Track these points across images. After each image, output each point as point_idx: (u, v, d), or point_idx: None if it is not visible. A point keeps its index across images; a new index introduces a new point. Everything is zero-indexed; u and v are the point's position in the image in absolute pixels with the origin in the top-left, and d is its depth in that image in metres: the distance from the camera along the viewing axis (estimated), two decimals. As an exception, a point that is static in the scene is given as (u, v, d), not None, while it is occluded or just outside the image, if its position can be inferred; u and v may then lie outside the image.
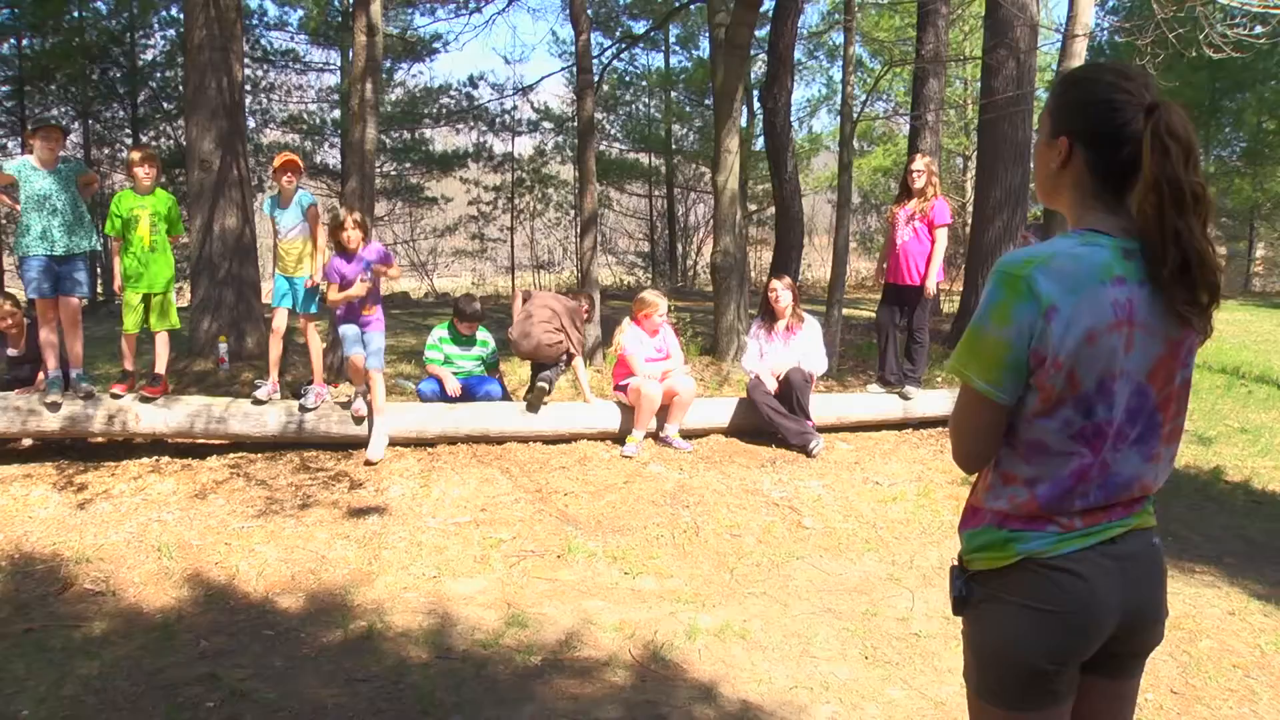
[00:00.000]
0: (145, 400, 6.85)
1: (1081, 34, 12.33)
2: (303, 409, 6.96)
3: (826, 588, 5.18)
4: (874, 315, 9.12)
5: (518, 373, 8.77)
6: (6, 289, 17.17)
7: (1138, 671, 2.03)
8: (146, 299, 6.88)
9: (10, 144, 21.77)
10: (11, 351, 7.23)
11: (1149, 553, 1.94)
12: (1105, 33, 21.74)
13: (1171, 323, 1.80)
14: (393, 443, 7.08)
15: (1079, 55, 14.34)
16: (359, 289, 6.84)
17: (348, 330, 7.01)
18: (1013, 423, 1.86)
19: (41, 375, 6.94)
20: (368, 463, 6.79)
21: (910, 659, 4.32)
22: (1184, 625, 4.68)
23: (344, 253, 6.93)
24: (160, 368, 6.99)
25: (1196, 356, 1.92)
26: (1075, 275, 1.75)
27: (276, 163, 7.01)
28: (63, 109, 22.37)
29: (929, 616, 4.80)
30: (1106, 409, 1.78)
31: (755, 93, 17.13)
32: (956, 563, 2.00)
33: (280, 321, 7.12)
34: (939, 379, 9.56)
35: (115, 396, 6.83)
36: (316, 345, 7.22)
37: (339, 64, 23.37)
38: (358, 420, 7.01)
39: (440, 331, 7.62)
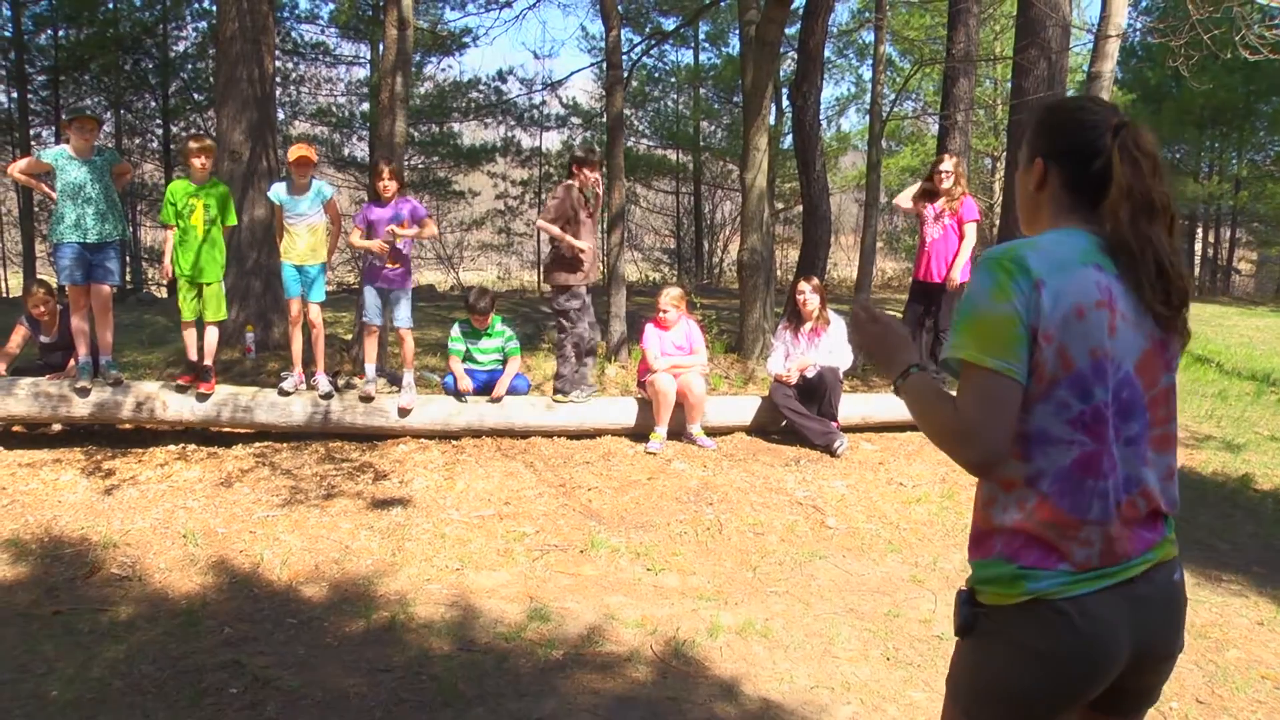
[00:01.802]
0: (202, 397, 6.91)
1: (1114, 35, 12.21)
2: (326, 398, 7.00)
3: (849, 588, 5.16)
4: (901, 314, 9.07)
5: (543, 367, 8.78)
6: (40, 276, 17.38)
7: (1145, 709, 1.98)
8: (199, 288, 6.93)
9: (45, 133, 22.02)
10: (44, 338, 7.31)
11: (1168, 591, 1.88)
12: (1138, 33, 21.54)
13: (1151, 322, 1.83)
14: (417, 435, 7.12)
15: (1111, 56, 14.20)
16: (376, 245, 6.90)
17: (369, 296, 7.09)
18: None
19: (73, 362, 7.01)
20: (401, 410, 6.99)
21: (932, 661, 4.28)
22: (1211, 634, 4.63)
23: (378, 200, 6.99)
24: (209, 359, 7.04)
25: (1229, 362, 1.90)
26: (1060, 256, 1.79)
27: (292, 157, 6.94)
28: (96, 99, 22.63)
29: (951, 619, 4.76)
30: (1102, 389, 1.76)
31: (784, 90, 17.08)
32: (965, 588, 1.97)
33: (296, 311, 7.14)
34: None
35: (180, 389, 6.91)
36: (320, 333, 7.23)
37: (369, 57, 23.50)
38: (365, 400, 7.05)
39: (458, 326, 7.65)
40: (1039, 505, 1.78)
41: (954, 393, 1.84)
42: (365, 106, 23.73)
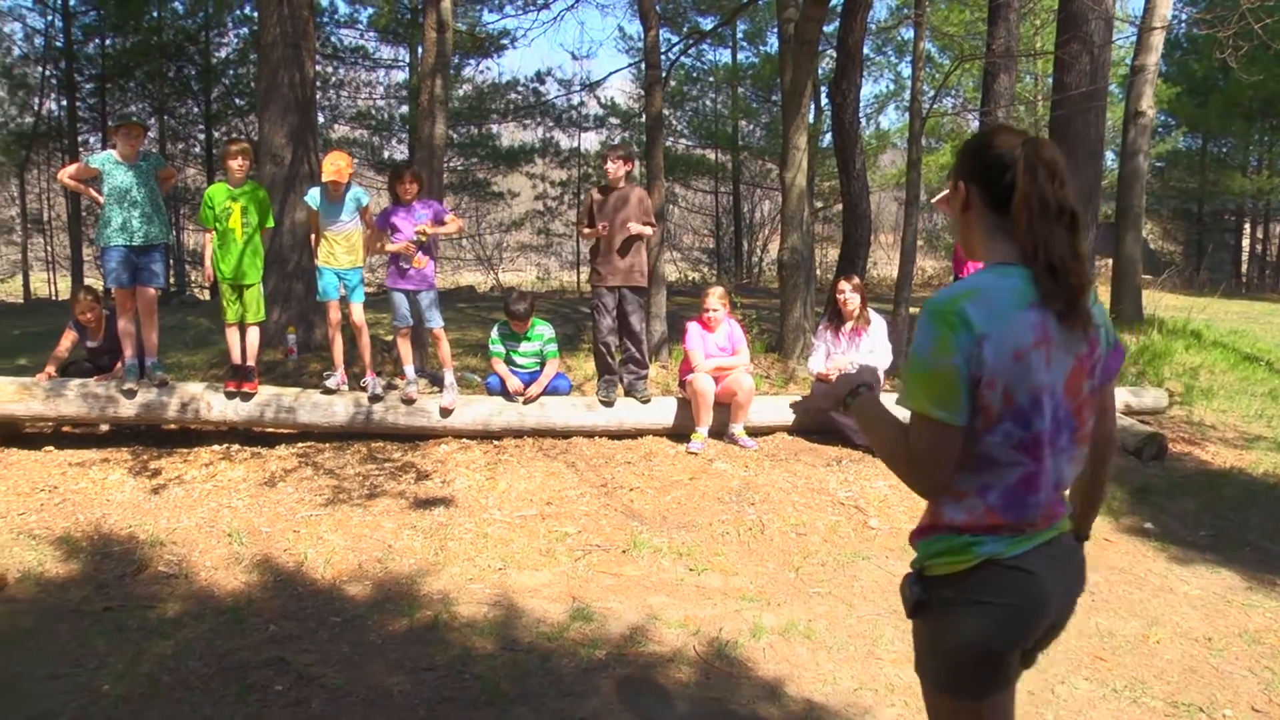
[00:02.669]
0: (246, 397, 6.97)
1: (1159, 27, 12.02)
2: (374, 399, 7.04)
3: (892, 589, 5.09)
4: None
5: (583, 367, 8.78)
6: (86, 283, 17.65)
7: (1034, 661, 2.24)
8: (239, 290, 7.00)
9: (92, 139, 22.40)
10: (90, 343, 7.42)
11: (1073, 553, 2.18)
12: (1183, 25, 21.17)
13: (1076, 338, 2.02)
14: (458, 435, 7.15)
15: (1155, 49, 14.05)
16: (401, 246, 6.93)
17: (398, 301, 7.12)
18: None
19: (120, 364, 7.11)
20: (443, 410, 7.04)
21: (978, 664, 4.23)
22: (1265, 640, 4.54)
23: (400, 204, 7.02)
24: (252, 360, 7.10)
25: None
26: (998, 304, 1.96)
27: (325, 176, 6.89)
28: (140, 105, 23.02)
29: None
30: (1040, 419, 1.98)
31: (823, 89, 16.97)
32: (912, 570, 2.16)
33: (335, 314, 7.18)
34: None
35: (230, 395, 6.98)
36: (365, 335, 7.28)
37: (407, 60, 23.69)
38: (407, 402, 7.09)
39: (497, 328, 7.66)
40: (986, 512, 2.02)
41: (904, 418, 2.09)
42: (404, 109, 23.93)
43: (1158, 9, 13.37)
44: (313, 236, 7.20)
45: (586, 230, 7.56)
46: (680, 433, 7.39)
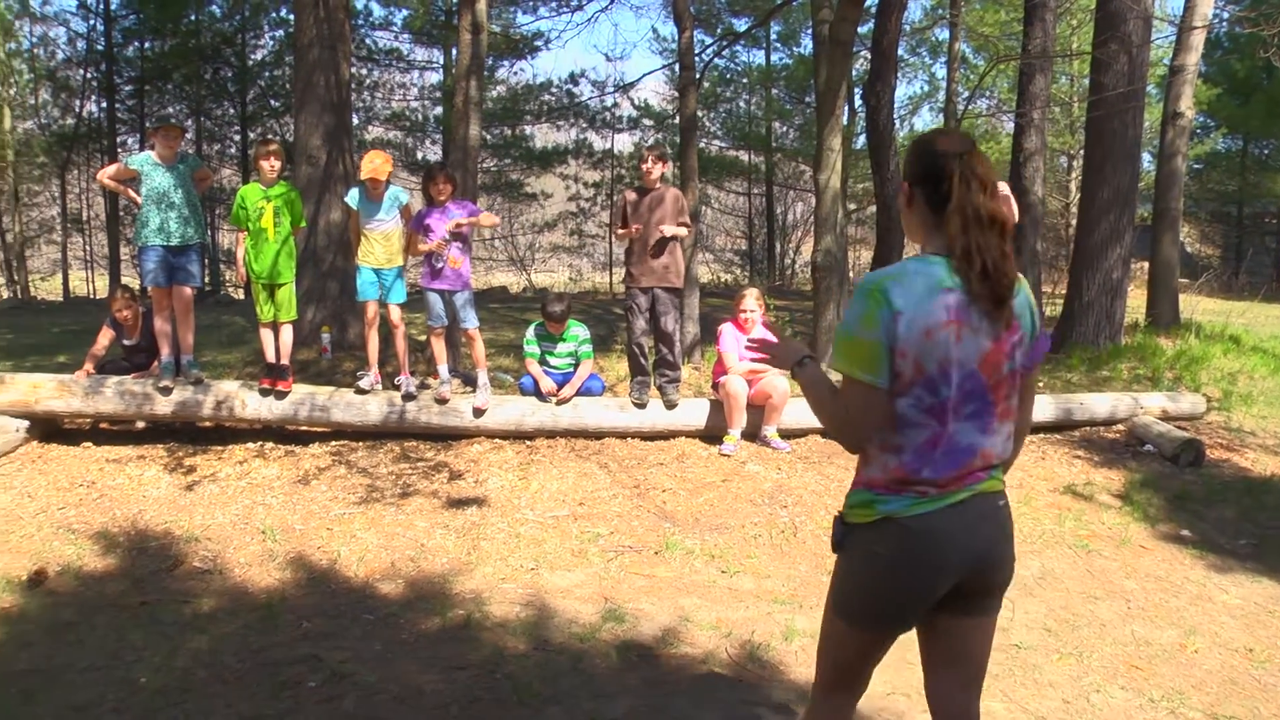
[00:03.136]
0: (280, 395, 7.02)
1: (1200, 25, 11.82)
2: (408, 398, 7.07)
3: (926, 593, 5.05)
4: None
5: (615, 368, 8.77)
6: (123, 281, 17.89)
7: (991, 610, 2.46)
8: (271, 289, 7.05)
9: (130, 140, 22.71)
10: (127, 340, 7.50)
11: (994, 511, 2.38)
12: (1224, 24, 20.85)
13: (995, 324, 2.28)
14: (491, 435, 7.16)
15: (1195, 49, 13.84)
16: (435, 244, 6.93)
17: (432, 300, 7.12)
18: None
19: (156, 362, 7.18)
20: (477, 410, 7.05)
21: (1010, 671, 4.19)
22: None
23: (433, 205, 7.04)
24: (285, 359, 7.15)
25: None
26: (917, 288, 2.24)
27: (364, 175, 6.93)
28: (177, 107, 23.31)
29: (1030, 628, 4.65)
30: (946, 388, 2.25)
31: (857, 90, 16.89)
32: (838, 514, 2.45)
33: (372, 314, 7.22)
34: (1039, 383, 9.29)
35: (264, 392, 7.03)
36: (402, 335, 7.32)
37: (441, 62, 23.81)
38: (440, 402, 7.10)
39: (533, 329, 7.66)
40: (896, 469, 2.30)
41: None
42: (438, 111, 24.04)
43: (1198, 8, 13.18)
44: (353, 236, 7.23)
45: (621, 231, 7.55)
46: (713, 434, 7.36)
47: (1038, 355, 2.45)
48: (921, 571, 2.30)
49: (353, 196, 7.06)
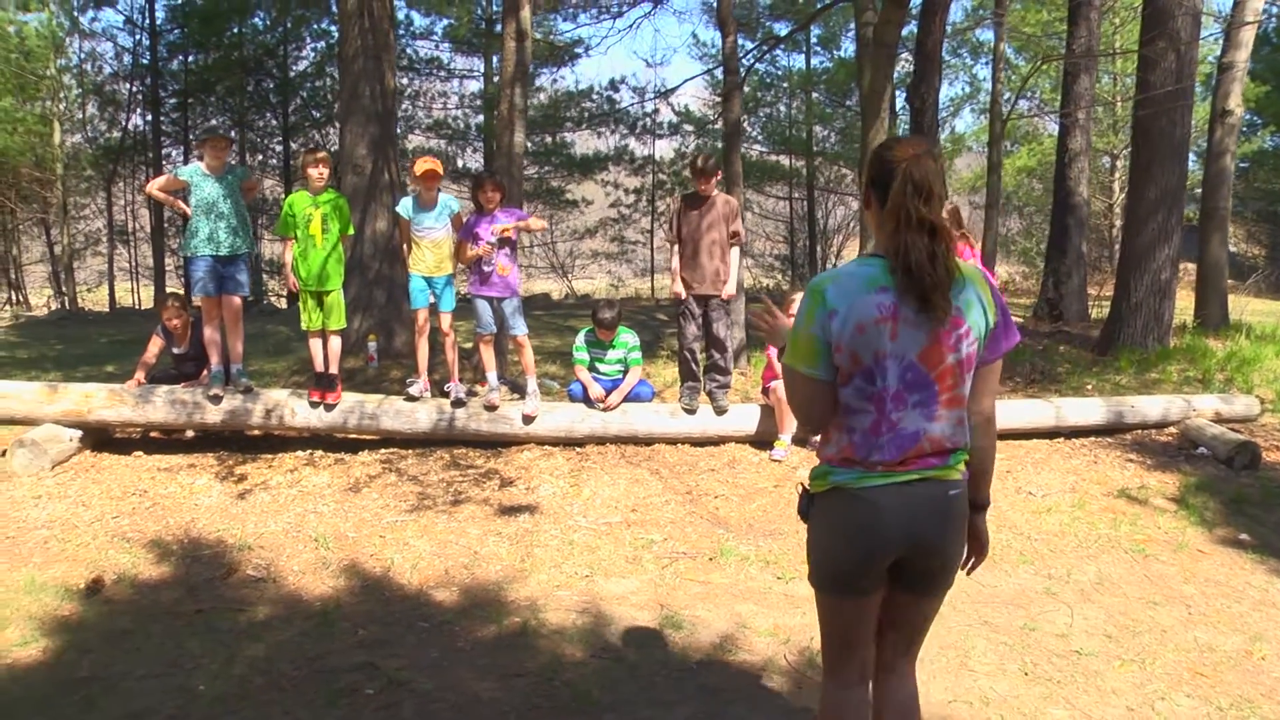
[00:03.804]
0: (329, 407, 7.03)
1: (1251, 21, 11.58)
2: (457, 405, 7.05)
3: (981, 600, 4.96)
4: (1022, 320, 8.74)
5: (663, 374, 8.72)
6: (171, 290, 18.10)
7: (930, 592, 2.65)
8: (319, 298, 7.07)
9: (175, 153, 23.02)
10: (176, 349, 7.55)
11: (942, 499, 2.52)
12: (1275, 19, 20.46)
13: (932, 318, 2.40)
14: (541, 442, 7.13)
15: (1245, 45, 13.57)
16: (482, 249, 6.90)
17: (481, 308, 7.09)
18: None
19: (206, 371, 7.22)
20: (526, 417, 7.04)
21: (1072, 677, 4.09)
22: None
23: (482, 213, 7.02)
24: (334, 368, 7.15)
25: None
26: (851, 287, 2.43)
27: (419, 171, 6.94)
28: (221, 119, 23.59)
29: (1089, 634, 4.54)
30: (883, 379, 2.42)
31: (899, 92, 16.75)
32: (804, 486, 2.67)
33: (423, 321, 7.22)
34: (1089, 385, 9.13)
35: (314, 404, 7.04)
36: (452, 343, 7.31)
37: (482, 70, 23.92)
38: (490, 409, 7.08)
39: (583, 336, 7.63)
40: (845, 448, 2.51)
41: None
42: (479, 119, 24.15)
43: (1250, 3, 12.93)
44: (404, 245, 7.23)
45: (672, 239, 7.48)
46: (763, 440, 7.29)
47: (1002, 349, 2.58)
48: (860, 537, 2.49)
49: (404, 205, 7.06)
